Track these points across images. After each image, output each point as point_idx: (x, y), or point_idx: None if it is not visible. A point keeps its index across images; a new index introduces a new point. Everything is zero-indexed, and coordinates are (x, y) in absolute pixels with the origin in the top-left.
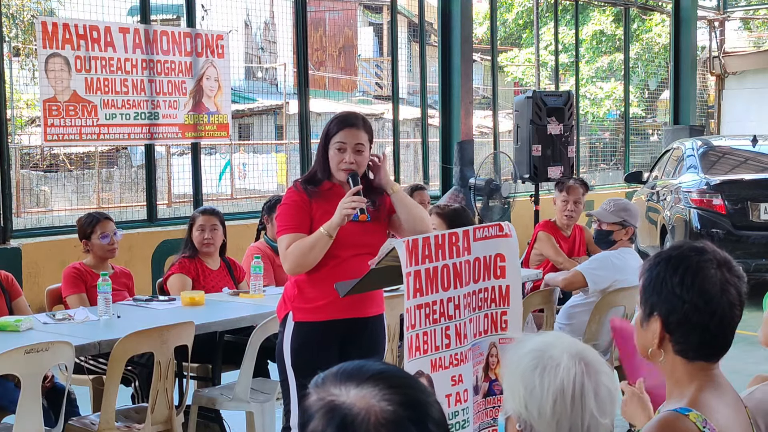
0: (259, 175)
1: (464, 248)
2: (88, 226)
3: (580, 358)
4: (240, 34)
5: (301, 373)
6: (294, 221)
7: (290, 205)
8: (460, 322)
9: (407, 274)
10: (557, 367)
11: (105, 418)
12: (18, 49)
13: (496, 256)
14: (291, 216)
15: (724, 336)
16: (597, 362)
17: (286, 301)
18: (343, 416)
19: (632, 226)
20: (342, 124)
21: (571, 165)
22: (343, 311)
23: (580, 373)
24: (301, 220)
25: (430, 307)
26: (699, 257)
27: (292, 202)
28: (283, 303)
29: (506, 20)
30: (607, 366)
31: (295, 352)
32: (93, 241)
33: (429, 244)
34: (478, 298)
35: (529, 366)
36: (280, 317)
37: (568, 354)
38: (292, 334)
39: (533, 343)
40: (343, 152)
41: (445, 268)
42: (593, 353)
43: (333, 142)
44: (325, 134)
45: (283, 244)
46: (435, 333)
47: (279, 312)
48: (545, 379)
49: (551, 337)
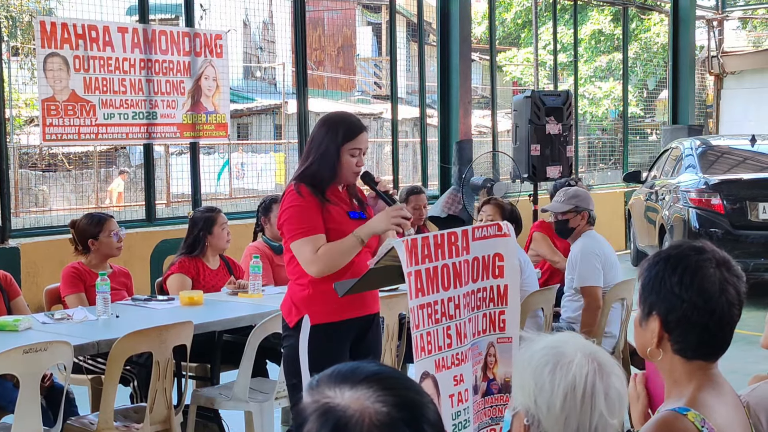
0: (257, 175)
1: (463, 248)
2: (97, 225)
3: (594, 358)
4: (239, 33)
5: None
6: (310, 223)
7: (303, 208)
8: (460, 322)
9: (408, 274)
10: (570, 363)
11: (104, 417)
12: (17, 48)
13: (494, 255)
14: (307, 218)
15: (723, 335)
16: (609, 364)
17: (298, 306)
18: (337, 419)
19: (585, 210)
20: (357, 129)
21: (569, 165)
22: (359, 308)
23: (593, 372)
24: (317, 222)
25: (431, 307)
26: (698, 256)
27: (304, 206)
28: (294, 308)
29: (505, 20)
30: (618, 368)
31: (313, 355)
32: (102, 239)
33: (428, 243)
34: (477, 298)
35: (542, 362)
36: (292, 322)
37: (581, 353)
38: (309, 338)
39: (546, 340)
40: (355, 157)
41: (445, 268)
42: (606, 355)
43: (348, 147)
44: (336, 138)
45: (307, 247)
46: (437, 333)
47: (288, 317)
48: (557, 375)
49: (565, 335)
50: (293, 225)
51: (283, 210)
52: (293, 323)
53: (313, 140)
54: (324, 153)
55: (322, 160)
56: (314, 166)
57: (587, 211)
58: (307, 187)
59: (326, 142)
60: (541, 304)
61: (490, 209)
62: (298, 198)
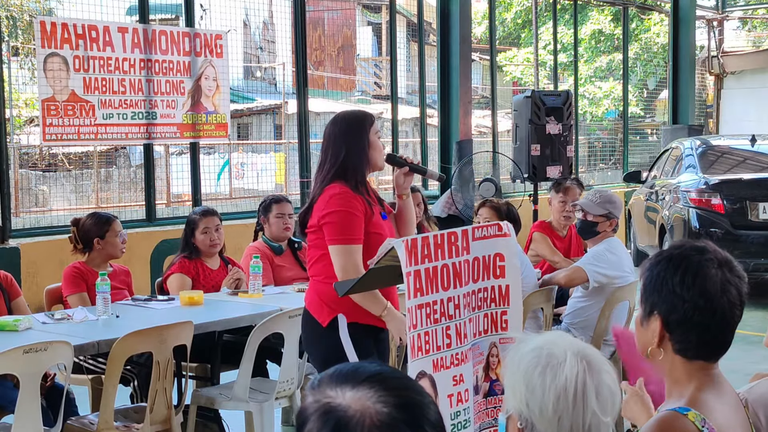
0: (257, 175)
1: (463, 248)
2: (105, 224)
3: (583, 357)
4: (239, 33)
5: None
6: (355, 233)
7: (351, 215)
8: (460, 322)
9: (407, 273)
10: (560, 365)
11: (104, 417)
12: (17, 48)
13: (495, 255)
14: (352, 227)
15: (724, 336)
16: (599, 361)
17: (330, 305)
18: (338, 419)
19: (616, 218)
20: (372, 116)
21: (569, 164)
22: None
23: (582, 372)
24: (360, 232)
25: (430, 307)
26: (700, 257)
27: (352, 213)
28: (326, 307)
29: (505, 20)
30: (609, 365)
31: (359, 351)
32: (108, 239)
33: (428, 243)
34: (478, 298)
35: (531, 364)
36: (324, 321)
37: (570, 352)
38: (350, 335)
39: (535, 342)
40: (380, 139)
41: (445, 268)
42: (595, 352)
43: (374, 130)
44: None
45: (346, 257)
46: (436, 333)
47: (320, 316)
48: (547, 377)
49: (553, 336)
50: (337, 229)
51: (330, 212)
52: (326, 322)
53: (335, 137)
54: (352, 143)
55: (356, 151)
56: (347, 159)
57: (616, 219)
58: (353, 189)
59: (351, 132)
60: (541, 304)
61: (486, 212)
62: (348, 203)
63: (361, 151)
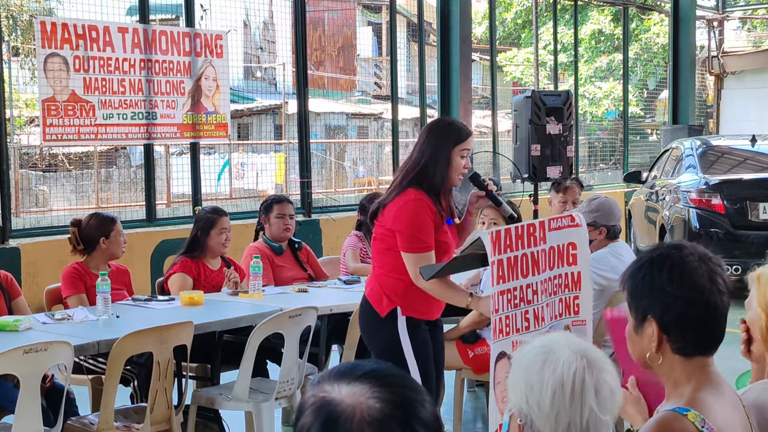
0: (257, 175)
1: (540, 238)
2: (110, 224)
3: (583, 355)
4: (239, 33)
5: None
6: (428, 240)
7: (426, 224)
8: (538, 307)
9: (492, 262)
10: (557, 361)
11: (104, 417)
12: (17, 48)
13: (568, 244)
14: (426, 235)
15: (720, 326)
16: (600, 360)
17: (390, 296)
18: (329, 412)
19: (603, 226)
20: (466, 132)
21: (570, 165)
22: (437, 312)
23: (581, 369)
24: (432, 239)
25: (511, 293)
26: (680, 253)
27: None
28: (386, 298)
29: (505, 20)
30: (611, 364)
31: (415, 344)
32: (113, 238)
33: (510, 234)
34: (554, 284)
35: (531, 361)
36: (383, 312)
37: (570, 350)
38: (407, 326)
39: (538, 341)
40: (464, 158)
41: (524, 257)
42: (597, 352)
43: (459, 148)
44: (448, 140)
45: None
46: (516, 317)
47: (379, 307)
48: (545, 372)
49: (557, 335)
50: (410, 239)
51: (403, 221)
52: (385, 313)
53: (424, 144)
54: (436, 155)
55: (434, 163)
56: (428, 169)
57: (605, 227)
58: (429, 197)
59: (439, 144)
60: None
61: (489, 212)
62: (420, 211)
63: (440, 166)
